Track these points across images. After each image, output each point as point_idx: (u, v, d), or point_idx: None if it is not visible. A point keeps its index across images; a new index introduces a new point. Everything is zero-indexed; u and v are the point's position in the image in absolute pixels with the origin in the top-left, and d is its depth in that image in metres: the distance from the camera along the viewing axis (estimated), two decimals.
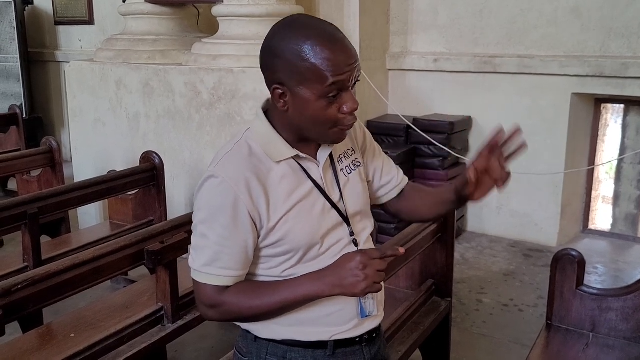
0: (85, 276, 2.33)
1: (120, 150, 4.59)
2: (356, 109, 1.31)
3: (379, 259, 1.25)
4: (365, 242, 1.45)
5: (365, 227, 1.46)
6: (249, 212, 1.29)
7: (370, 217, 1.51)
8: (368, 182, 1.54)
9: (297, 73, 1.25)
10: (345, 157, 1.46)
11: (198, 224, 1.33)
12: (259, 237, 1.33)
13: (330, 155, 1.41)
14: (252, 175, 1.30)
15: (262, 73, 1.33)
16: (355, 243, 1.41)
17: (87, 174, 4.44)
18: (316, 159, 1.39)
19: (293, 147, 1.35)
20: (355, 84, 1.30)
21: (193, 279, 1.36)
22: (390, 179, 1.58)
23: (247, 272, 1.36)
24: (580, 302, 2.39)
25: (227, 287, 1.33)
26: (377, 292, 1.28)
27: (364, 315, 1.41)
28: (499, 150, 1.35)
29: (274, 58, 1.28)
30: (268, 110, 1.39)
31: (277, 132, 1.35)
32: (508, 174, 1.36)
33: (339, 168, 1.43)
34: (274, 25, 1.33)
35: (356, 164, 1.48)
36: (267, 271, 1.37)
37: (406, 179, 1.62)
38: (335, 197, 1.39)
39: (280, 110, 1.32)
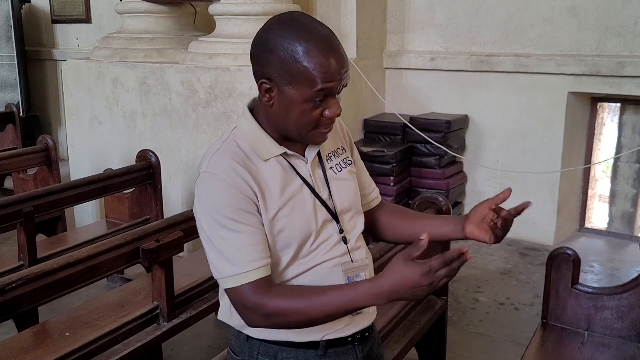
0: (81, 275, 2.33)
1: (116, 148, 4.59)
2: (339, 115, 1.32)
3: (444, 267, 1.19)
4: (357, 240, 1.45)
5: (356, 226, 1.46)
6: (250, 198, 1.28)
7: (362, 216, 1.50)
8: None
9: (288, 73, 1.25)
10: (335, 155, 1.46)
11: (207, 231, 1.30)
12: None
13: (319, 154, 1.41)
14: (244, 171, 1.30)
15: (251, 63, 1.33)
16: (345, 241, 1.41)
17: (83, 173, 4.44)
18: (304, 157, 1.39)
19: (280, 145, 1.35)
20: (342, 90, 1.31)
21: (226, 290, 1.30)
22: (373, 189, 1.60)
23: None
24: (576, 300, 2.39)
25: (265, 286, 1.27)
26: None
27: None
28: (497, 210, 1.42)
29: (267, 53, 1.27)
30: (254, 109, 1.39)
31: (264, 130, 1.35)
32: (502, 234, 1.43)
33: (327, 166, 1.43)
34: (271, 19, 1.32)
35: (347, 162, 1.48)
36: None
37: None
38: (324, 194, 1.39)
39: (264, 104, 1.32)
